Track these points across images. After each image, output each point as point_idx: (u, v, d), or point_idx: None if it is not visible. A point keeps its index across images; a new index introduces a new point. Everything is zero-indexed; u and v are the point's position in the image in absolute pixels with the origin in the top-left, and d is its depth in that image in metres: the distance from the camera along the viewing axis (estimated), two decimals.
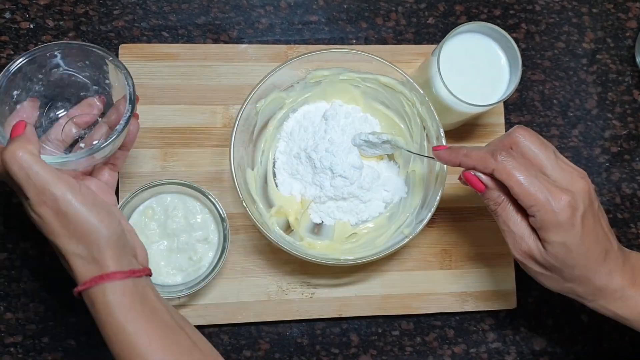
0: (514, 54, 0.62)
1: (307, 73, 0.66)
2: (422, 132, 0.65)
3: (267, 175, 0.68)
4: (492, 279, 0.71)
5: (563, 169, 0.52)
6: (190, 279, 0.64)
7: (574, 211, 0.50)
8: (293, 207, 0.67)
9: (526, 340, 0.72)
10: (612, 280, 0.53)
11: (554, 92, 0.76)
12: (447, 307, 0.70)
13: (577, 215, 0.51)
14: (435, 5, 0.75)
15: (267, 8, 0.73)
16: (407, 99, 0.65)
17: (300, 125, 0.68)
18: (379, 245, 0.64)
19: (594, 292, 0.54)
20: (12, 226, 0.67)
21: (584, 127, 0.76)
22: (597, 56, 0.77)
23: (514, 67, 0.63)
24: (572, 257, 0.52)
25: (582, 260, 0.52)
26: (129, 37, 0.70)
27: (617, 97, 0.77)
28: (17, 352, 0.66)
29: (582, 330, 0.73)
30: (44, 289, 0.67)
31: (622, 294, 0.54)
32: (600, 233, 0.53)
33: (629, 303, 0.54)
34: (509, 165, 0.51)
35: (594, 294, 0.54)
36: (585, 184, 0.52)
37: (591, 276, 0.53)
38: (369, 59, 0.64)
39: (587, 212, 0.51)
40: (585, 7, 0.78)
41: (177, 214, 0.64)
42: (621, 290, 0.54)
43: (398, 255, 0.70)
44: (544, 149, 0.52)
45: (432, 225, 0.71)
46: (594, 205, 0.52)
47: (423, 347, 0.71)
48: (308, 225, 0.68)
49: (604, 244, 0.53)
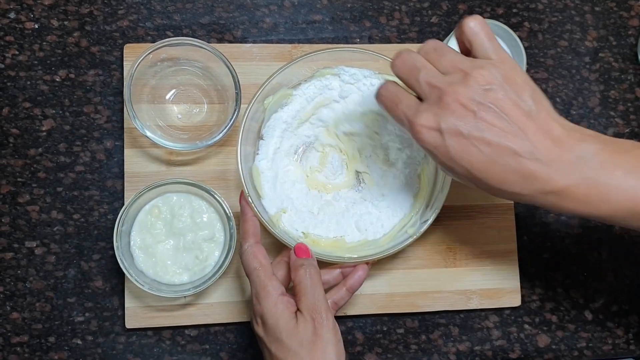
0: (518, 51, 0.63)
1: (314, 71, 0.66)
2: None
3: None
4: (496, 277, 0.71)
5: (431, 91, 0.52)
6: (196, 277, 0.64)
7: (433, 132, 0.50)
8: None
9: (530, 337, 0.73)
10: (547, 184, 0.50)
11: (557, 91, 0.76)
12: (451, 304, 0.71)
13: (436, 134, 0.50)
14: (439, 4, 0.76)
15: (271, 7, 0.73)
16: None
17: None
18: (383, 245, 0.65)
19: (531, 198, 0.51)
20: (18, 226, 0.67)
21: (587, 125, 0.76)
22: (599, 54, 0.78)
23: (519, 63, 0.63)
24: (458, 176, 0.53)
25: (469, 174, 0.51)
26: (134, 37, 0.71)
27: (620, 95, 0.77)
28: (23, 352, 0.66)
29: (587, 327, 0.74)
30: (50, 289, 0.67)
31: (554, 189, 0.50)
32: (488, 138, 0.49)
33: (575, 196, 0.50)
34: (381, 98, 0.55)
35: (532, 199, 0.51)
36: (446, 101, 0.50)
37: (503, 187, 0.51)
38: (376, 58, 0.64)
39: (451, 128, 0.50)
40: (588, 6, 0.78)
41: (183, 213, 0.64)
42: (552, 186, 0.50)
43: (402, 254, 0.70)
44: (410, 75, 0.53)
45: (436, 223, 0.70)
46: (465, 116, 0.50)
47: (428, 345, 0.71)
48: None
49: (501, 150, 0.49)
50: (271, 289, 0.54)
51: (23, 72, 0.69)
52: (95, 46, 0.70)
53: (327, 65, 0.66)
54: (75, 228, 0.68)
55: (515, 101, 0.50)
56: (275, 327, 0.53)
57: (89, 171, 0.69)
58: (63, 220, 0.68)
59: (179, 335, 0.68)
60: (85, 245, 0.68)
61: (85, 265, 0.67)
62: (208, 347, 0.68)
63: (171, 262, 0.64)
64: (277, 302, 0.54)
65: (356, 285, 0.61)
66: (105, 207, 0.68)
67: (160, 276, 0.64)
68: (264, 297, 0.54)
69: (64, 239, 0.67)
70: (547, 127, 0.50)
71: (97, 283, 0.67)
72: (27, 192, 0.67)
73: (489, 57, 0.52)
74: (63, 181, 0.68)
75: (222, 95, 0.68)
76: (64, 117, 0.69)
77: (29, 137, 0.68)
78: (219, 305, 0.67)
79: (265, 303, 0.54)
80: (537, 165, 0.49)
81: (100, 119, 0.69)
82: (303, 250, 0.58)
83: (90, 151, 0.69)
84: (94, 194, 0.68)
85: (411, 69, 0.52)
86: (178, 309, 0.67)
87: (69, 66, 0.69)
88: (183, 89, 0.69)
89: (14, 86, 0.68)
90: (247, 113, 0.63)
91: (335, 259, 0.62)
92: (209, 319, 0.67)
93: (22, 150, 0.68)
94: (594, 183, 0.49)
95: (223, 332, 0.69)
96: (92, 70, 0.70)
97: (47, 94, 0.69)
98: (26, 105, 0.68)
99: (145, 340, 0.67)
